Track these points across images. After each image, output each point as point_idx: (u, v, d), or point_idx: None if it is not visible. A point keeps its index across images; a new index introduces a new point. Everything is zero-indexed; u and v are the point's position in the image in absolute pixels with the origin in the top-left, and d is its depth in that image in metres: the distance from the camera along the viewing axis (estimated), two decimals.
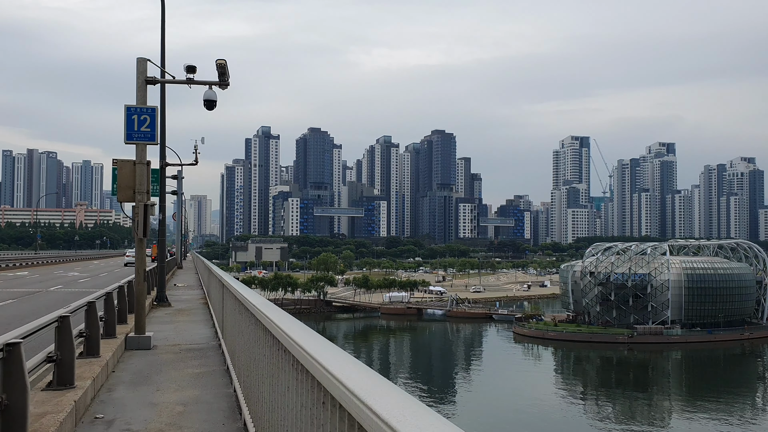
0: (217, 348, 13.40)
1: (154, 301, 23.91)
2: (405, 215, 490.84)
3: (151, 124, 12.56)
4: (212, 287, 18.76)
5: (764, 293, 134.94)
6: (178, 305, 24.49)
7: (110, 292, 12.37)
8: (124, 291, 14.61)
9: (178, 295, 29.57)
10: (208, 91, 13.88)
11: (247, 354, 6.96)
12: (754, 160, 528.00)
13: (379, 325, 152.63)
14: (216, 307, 15.71)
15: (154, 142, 12.73)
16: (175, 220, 58.48)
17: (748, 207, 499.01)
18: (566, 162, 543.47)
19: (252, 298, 6.56)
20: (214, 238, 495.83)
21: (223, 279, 11.51)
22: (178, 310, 22.76)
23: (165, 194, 25.14)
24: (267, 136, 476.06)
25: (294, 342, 3.72)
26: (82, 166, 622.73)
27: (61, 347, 8.04)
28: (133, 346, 13.04)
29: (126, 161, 12.91)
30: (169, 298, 25.42)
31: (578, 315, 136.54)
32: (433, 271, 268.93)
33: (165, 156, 23.69)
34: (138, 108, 12.78)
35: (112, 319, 12.20)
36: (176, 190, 52.26)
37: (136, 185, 12.67)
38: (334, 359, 2.82)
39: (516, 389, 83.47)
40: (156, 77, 13.06)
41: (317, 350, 3.17)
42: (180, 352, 12.95)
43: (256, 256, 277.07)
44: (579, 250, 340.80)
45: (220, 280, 12.99)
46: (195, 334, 15.83)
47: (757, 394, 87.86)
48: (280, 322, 4.49)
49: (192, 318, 20.09)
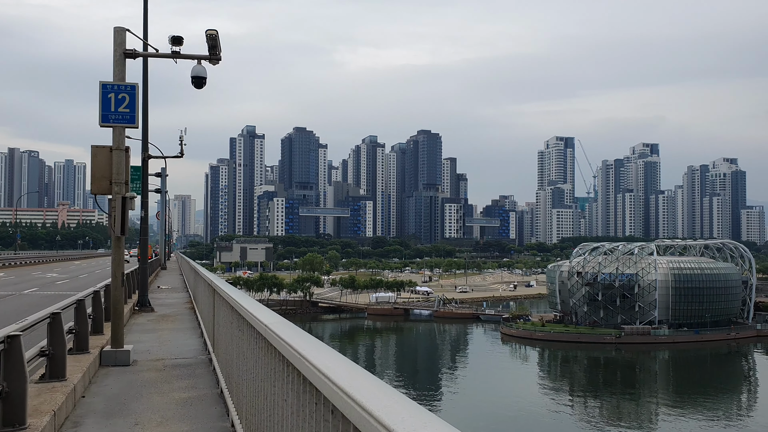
0: (207, 364, 11.70)
1: (136, 306, 22.18)
2: (391, 215, 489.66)
3: (130, 104, 10.87)
4: (199, 291, 17.08)
5: (750, 293, 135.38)
6: (161, 310, 22.83)
7: (82, 299, 10.57)
8: (100, 297, 12.83)
9: (162, 299, 27.92)
10: (196, 66, 12.09)
11: (251, 385, 5.38)
12: (736, 160, 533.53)
13: (366, 325, 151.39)
14: (205, 315, 14.02)
15: (134, 125, 11.00)
16: (159, 219, 56.46)
17: (731, 207, 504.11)
18: (551, 162, 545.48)
19: (259, 313, 5.02)
20: (199, 238, 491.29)
21: (214, 284, 9.87)
22: (161, 315, 21.11)
23: (147, 190, 23.22)
24: (252, 135, 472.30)
25: (345, 394, 2.28)
26: (64, 165, 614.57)
27: (7, 377, 6.41)
28: (110, 362, 11.29)
29: (101, 147, 11.09)
30: (152, 303, 23.76)
31: (565, 315, 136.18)
32: (419, 272, 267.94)
33: (147, 148, 21.80)
34: (115, 85, 11.02)
35: (85, 330, 10.44)
36: (160, 188, 50.30)
37: (113, 175, 10.94)
38: None
39: (503, 390, 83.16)
40: (137, 50, 11.33)
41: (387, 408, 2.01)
42: (164, 369, 11.22)
43: (241, 256, 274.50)
44: (564, 250, 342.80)
45: (209, 285, 11.35)
46: (181, 346, 14.14)
47: (743, 394, 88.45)
48: (313, 357, 2.98)
49: (177, 325, 18.45)
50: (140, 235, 23.41)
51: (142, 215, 21.78)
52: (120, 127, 11.01)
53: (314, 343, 3.44)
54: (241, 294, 7.22)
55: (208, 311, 12.36)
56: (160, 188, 50.02)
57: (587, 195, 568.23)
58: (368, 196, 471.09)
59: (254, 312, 5.08)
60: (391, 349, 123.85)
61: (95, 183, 10.89)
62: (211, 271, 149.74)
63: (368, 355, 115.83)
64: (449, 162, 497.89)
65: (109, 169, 10.80)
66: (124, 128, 11.09)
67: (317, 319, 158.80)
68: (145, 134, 22.03)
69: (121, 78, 11.01)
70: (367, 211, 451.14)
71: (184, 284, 35.27)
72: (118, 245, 11.13)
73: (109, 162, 10.82)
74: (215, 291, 9.97)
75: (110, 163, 10.82)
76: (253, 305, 5.64)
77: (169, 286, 35.19)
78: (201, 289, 15.95)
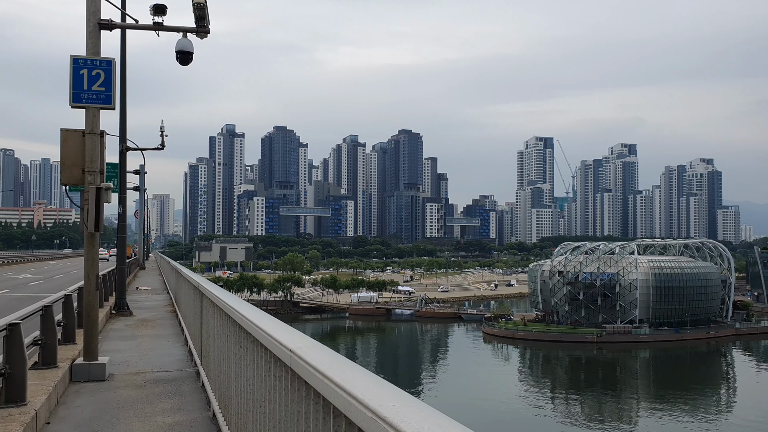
0: (194, 379, 10.33)
1: (113, 309, 20.69)
2: (372, 215, 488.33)
3: (106, 81, 9.47)
4: (183, 294, 15.70)
5: (729, 292, 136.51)
6: (140, 314, 21.41)
7: (50, 305, 9.11)
8: (72, 301, 11.35)
9: (141, 301, 26.43)
10: (181, 40, 10.60)
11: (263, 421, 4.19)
12: (712, 161, 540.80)
13: (347, 325, 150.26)
14: (190, 321, 12.65)
15: (110, 105, 9.55)
16: (137, 218, 54.67)
17: (707, 207, 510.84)
18: (531, 162, 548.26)
19: (276, 331, 3.86)
20: (177, 238, 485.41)
21: (203, 287, 8.60)
22: (141, 320, 19.68)
23: (126, 186, 21.54)
24: (232, 134, 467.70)
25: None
26: (40, 164, 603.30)
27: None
28: (82, 377, 9.85)
29: (73, 131, 9.64)
30: (131, 305, 22.39)
31: (547, 314, 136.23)
32: (400, 271, 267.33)
33: (126, 139, 20.24)
34: (88, 60, 9.55)
35: (52, 341, 8.97)
36: (138, 186, 48.62)
37: (87, 162, 9.53)
38: None
39: (486, 389, 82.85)
40: (113, 20, 9.89)
41: None
42: (145, 385, 9.81)
43: (220, 256, 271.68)
44: (543, 250, 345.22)
45: (196, 288, 10.07)
46: (164, 356, 12.78)
47: (722, 392, 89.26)
48: (362, 394, 2.22)
49: (158, 331, 17.09)
50: (118, 233, 21.76)
51: (119, 212, 20.16)
52: (94, 108, 9.54)
53: (377, 382, 2.42)
54: (238, 300, 6.01)
55: (193, 317, 11.03)
56: (138, 186, 48.36)
57: (566, 195, 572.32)
58: (349, 195, 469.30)
59: (269, 329, 3.86)
60: (373, 349, 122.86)
61: (66, 172, 9.43)
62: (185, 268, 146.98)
63: (349, 356, 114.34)
64: (430, 162, 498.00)
65: (81, 156, 9.35)
66: (99, 110, 9.64)
67: (298, 319, 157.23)
68: (123, 123, 20.18)
69: (95, 52, 9.56)
70: (348, 211, 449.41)
71: (164, 285, 33.65)
72: (92, 243, 9.62)
73: (82, 148, 9.39)
74: (203, 295, 8.72)
75: (83, 149, 9.40)
76: (262, 318, 4.44)
77: (149, 288, 33.52)
78: (184, 291, 14.61)
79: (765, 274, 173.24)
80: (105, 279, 21.11)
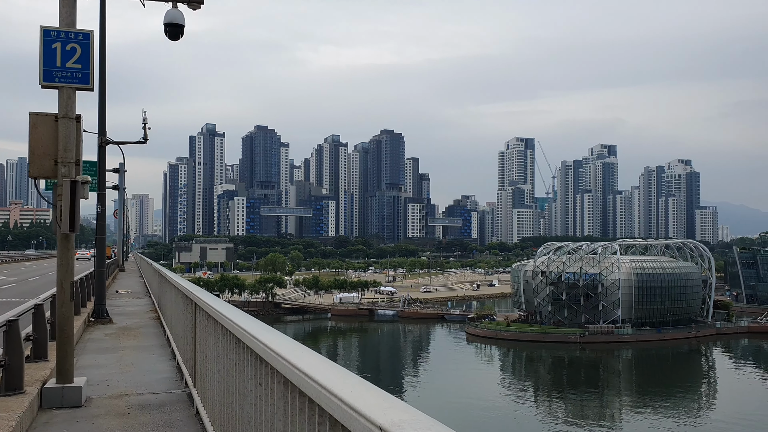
0: (185, 403, 8.88)
1: (92, 316, 19.03)
2: (354, 215, 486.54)
3: (83, 57, 8.08)
4: (167, 299, 14.33)
5: (709, 292, 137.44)
6: (121, 321, 19.81)
7: (15, 319, 7.61)
8: (43, 311, 9.74)
9: (122, 306, 24.71)
10: (171, 11, 9.18)
11: None
12: (690, 162, 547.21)
13: (330, 326, 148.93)
14: (177, 330, 11.28)
15: (88, 85, 8.10)
16: (116, 217, 52.84)
17: (685, 208, 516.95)
18: (512, 163, 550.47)
19: (319, 370, 2.91)
20: (157, 238, 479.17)
21: (197, 297, 7.31)
22: (122, 328, 18.08)
23: (105, 182, 19.82)
24: (212, 133, 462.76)
25: None
26: (17, 163, 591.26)
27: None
28: (54, 403, 8.44)
29: (44, 115, 8.22)
30: (111, 311, 20.83)
31: (530, 314, 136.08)
32: (383, 271, 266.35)
33: (105, 130, 18.41)
34: (62, 32, 8.19)
35: (18, 362, 7.43)
36: (117, 185, 46.89)
37: (60, 152, 8.13)
38: None
39: (469, 390, 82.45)
40: None
41: None
42: (128, 413, 8.34)
43: (200, 256, 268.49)
44: (525, 250, 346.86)
45: (186, 296, 8.77)
46: (149, 373, 11.37)
47: (702, 391, 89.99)
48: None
49: (141, 341, 15.61)
50: (97, 233, 19.92)
51: (98, 210, 18.62)
52: (69, 88, 8.10)
53: None
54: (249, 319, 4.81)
55: (183, 330, 9.72)
56: (117, 185, 46.64)
57: (546, 195, 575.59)
58: (331, 195, 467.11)
59: (327, 382, 2.57)
60: (356, 350, 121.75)
61: (35, 163, 7.92)
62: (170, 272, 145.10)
63: (331, 357, 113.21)
64: (412, 162, 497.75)
65: (53, 144, 7.86)
66: (75, 90, 8.17)
67: (280, 320, 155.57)
68: (102, 112, 18.08)
69: (70, 23, 8.07)
70: (329, 211, 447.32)
71: (146, 288, 31.89)
72: (66, 246, 8.08)
73: (54, 134, 7.90)
74: (197, 306, 7.49)
75: (55, 135, 7.92)
76: (302, 354, 3.22)
77: (129, 291, 31.73)
78: (170, 298, 13.25)
79: (744, 273, 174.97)
80: (83, 283, 19.45)
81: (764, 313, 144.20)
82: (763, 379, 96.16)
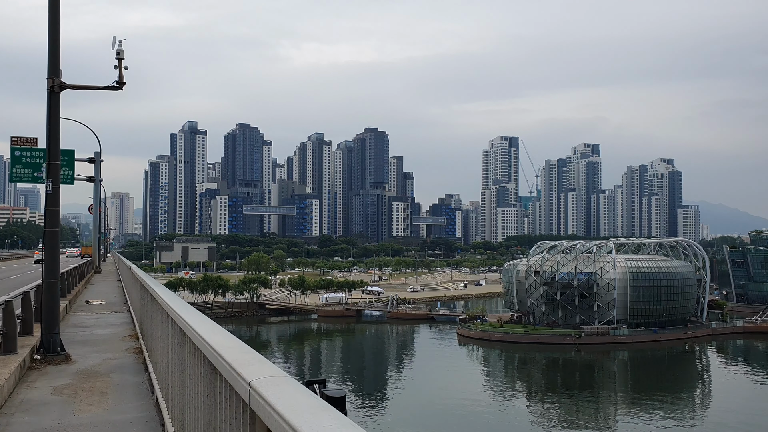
0: None
1: (36, 354, 13.04)
2: (338, 214, 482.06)
3: None
4: (156, 327, 9.49)
5: (703, 292, 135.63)
6: (84, 356, 13.79)
7: None
8: None
9: (89, 328, 18.61)
10: None
11: None
12: (672, 161, 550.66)
13: (316, 328, 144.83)
14: (173, 386, 6.38)
15: None
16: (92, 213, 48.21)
17: (668, 206, 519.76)
18: (496, 162, 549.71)
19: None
20: (137, 237, 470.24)
21: (225, 360, 3.27)
22: (82, 374, 11.99)
23: (59, 142, 13.04)
24: (193, 131, 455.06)
25: None
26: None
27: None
28: None
29: None
30: (71, 338, 15.51)
31: (523, 315, 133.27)
32: (368, 271, 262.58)
33: (59, 69, 12.66)
34: None
35: None
36: (93, 177, 42.20)
37: None
38: None
39: (463, 393, 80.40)
40: None
41: None
42: None
43: (182, 256, 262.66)
44: (509, 249, 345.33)
45: (198, 347, 4.47)
46: None
47: (698, 392, 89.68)
48: None
49: (111, 405, 9.57)
50: (45, 224, 13.27)
51: (48, 190, 12.85)
52: None
53: None
54: None
55: (191, 395, 5.15)
56: (93, 176, 41.97)
57: (530, 194, 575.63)
58: (314, 194, 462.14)
59: None
60: (344, 353, 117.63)
61: None
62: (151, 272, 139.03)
63: (316, 360, 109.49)
64: (396, 160, 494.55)
65: None
66: None
67: (265, 321, 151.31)
68: (55, 43, 12.46)
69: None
70: (313, 210, 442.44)
71: (124, 298, 26.24)
72: None
73: None
74: (246, 400, 3.31)
75: None
76: None
77: (103, 301, 25.90)
78: (156, 317, 8.85)
79: (734, 272, 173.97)
80: (26, 301, 13.73)
81: (759, 313, 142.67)
82: (762, 381, 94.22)
